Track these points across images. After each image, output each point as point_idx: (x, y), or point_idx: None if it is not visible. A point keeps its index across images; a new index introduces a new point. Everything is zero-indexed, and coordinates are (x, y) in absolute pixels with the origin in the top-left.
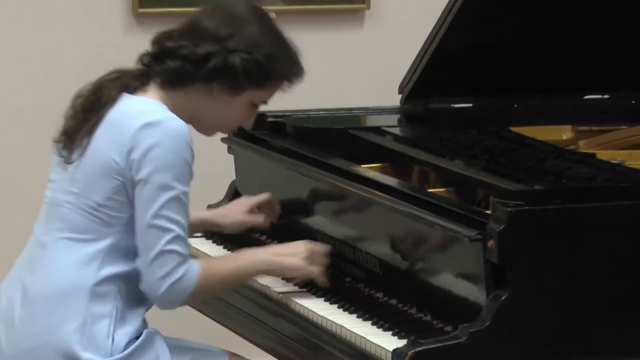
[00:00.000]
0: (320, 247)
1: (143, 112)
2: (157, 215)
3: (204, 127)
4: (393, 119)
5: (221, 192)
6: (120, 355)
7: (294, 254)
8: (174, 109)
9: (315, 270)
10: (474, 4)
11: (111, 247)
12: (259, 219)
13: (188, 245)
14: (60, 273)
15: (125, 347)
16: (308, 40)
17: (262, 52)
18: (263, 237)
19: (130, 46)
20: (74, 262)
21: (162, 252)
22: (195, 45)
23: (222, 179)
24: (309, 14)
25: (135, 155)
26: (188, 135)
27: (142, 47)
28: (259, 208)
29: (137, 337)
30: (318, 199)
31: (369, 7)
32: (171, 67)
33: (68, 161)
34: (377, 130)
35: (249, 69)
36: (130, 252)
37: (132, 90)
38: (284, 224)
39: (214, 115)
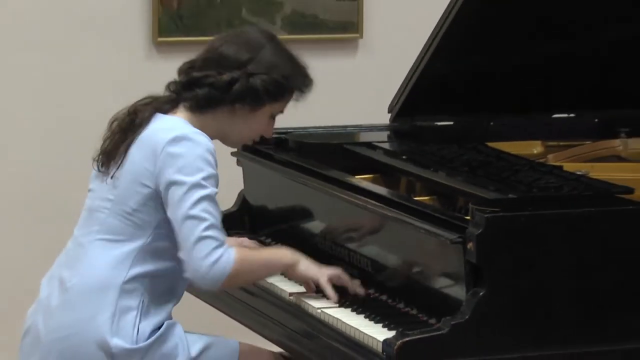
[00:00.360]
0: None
1: (171, 128)
2: (192, 208)
3: (230, 141)
4: (383, 135)
5: (231, 200)
6: (144, 343)
7: (323, 266)
8: (201, 129)
9: (324, 283)
10: (454, 36)
11: (141, 248)
12: None
13: (224, 235)
14: (95, 270)
15: (149, 337)
16: (308, 66)
17: (279, 72)
18: (268, 240)
19: (151, 72)
20: (108, 260)
21: (200, 239)
22: (219, 73)
23: (231, 189)
24: (309, 42)
25: (165, 164)
26: (212, 148)
27: (162, 73)
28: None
29: (160, 328)
30: (316, 206)
31: (362, 37)
32: (200, 94)
33: (107, 175)
34: (369, 145)
35: (269, 88)
36: (157, 254)
37: (164, 112)
38: (286, 229)
39: (237, 131)
